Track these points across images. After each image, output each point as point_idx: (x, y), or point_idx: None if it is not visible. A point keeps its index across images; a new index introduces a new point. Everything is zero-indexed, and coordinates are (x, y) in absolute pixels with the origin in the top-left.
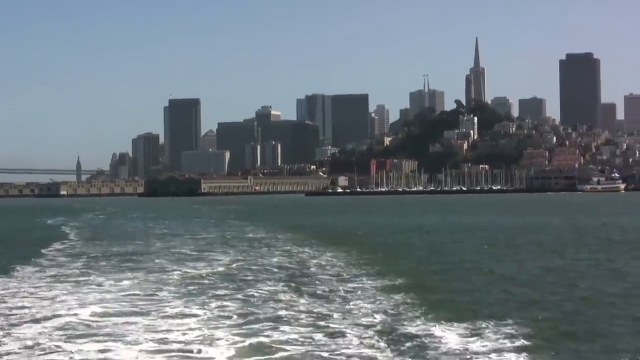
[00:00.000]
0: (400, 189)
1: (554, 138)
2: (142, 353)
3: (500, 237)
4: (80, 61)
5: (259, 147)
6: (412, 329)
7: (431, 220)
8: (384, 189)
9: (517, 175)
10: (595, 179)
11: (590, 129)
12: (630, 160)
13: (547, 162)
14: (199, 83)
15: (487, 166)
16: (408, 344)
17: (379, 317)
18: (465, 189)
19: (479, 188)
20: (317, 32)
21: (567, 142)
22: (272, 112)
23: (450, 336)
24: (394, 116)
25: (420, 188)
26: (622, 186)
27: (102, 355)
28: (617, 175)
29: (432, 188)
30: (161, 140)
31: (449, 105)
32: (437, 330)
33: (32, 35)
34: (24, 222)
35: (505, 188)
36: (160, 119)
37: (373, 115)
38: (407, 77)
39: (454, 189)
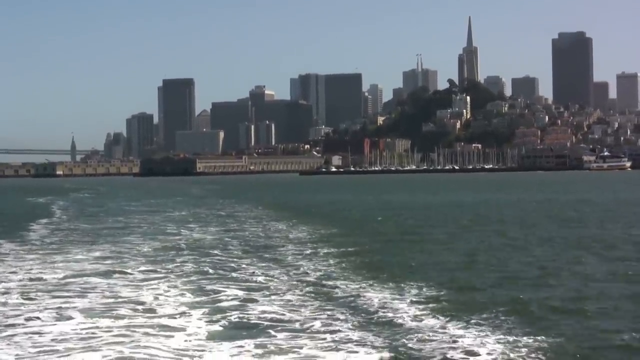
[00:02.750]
0: (393, 168)
1: (546, 117)
2: (103, 303)
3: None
4: (73, 42)
5: (252, 127)
6: (343, 287)
7: (409, 197)
8: (377, 168)
9: (509, 154)
10: (601, 157)
11: (582, 108)
12: (622, 138)
13: (539, 141)
14: (193, 63)
15: (479, 145)
16: (335, 297)
17: (316, 276)
18: (457, 167)
19: (471, 167)
20: (310, 12)
21: (559, 121)
22: (266, 92)
23: (374, 293)
24: (387, 95)
25: (413, 167)
26: (629, 164)
27: (62, 306)
28: (606, 153)
29: (425, 167)
30: (155, 120)
31: (442, 85)
32: (366, 288)
33: (24, 17)
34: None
35: (497, 167)
36: (154, 99)
37: (366, 94)
38: (400, 57)
39: (447, 167)
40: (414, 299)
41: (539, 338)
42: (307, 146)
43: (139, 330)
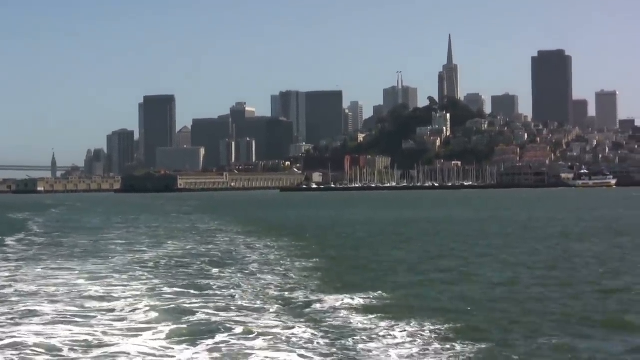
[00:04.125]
0: (373, 185)
1: (525, 135)
2: (64, 306)
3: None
4: (54, 58)
5: (233, 144)
6: (301, 295)
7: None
8: (357, 185)
9: (488, 171)
10: (586, 175)
11: (561, 126)
12: (600, 156)
13: (518, 159)
14: (173, 80)
15: (459, 162)
16: (292, 304)
17: (277, 284)
18: (437, 185)
19: (450, 184)
20: (291, 29)
21: (538, 139)
22: (247, 109)
23: (329, 299)
24: (367, 113)
25: (394, 184)
26: (613, 182)
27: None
28: (584, 170)
29: (405, 184)
30: (136, 136)
31: (422, 102)
32: (323, 297)
33: (5, 32)
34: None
35: (476, 184)
36: (135, 115)
37: (347, 111)
38: (380, 74)
39: (426, 185)
40: (363, 307)
41: (474, 344)
42: (287, 163)
43: (104, 333)
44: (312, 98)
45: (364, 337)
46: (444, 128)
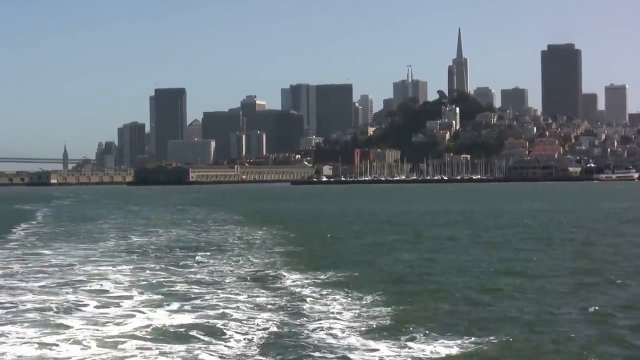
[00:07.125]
0: (383, 178)
1: (535, 128)
2: (52, 285)
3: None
4: (65, 51)
5: (244, 137)
6: (272, 273)
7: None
8: (367, 178)
9: (497, 165)
10: (609, 168)
11: (570, 120)
12: (609, 150)
13: (527, 152)
14: (184, 73)
15: (468, 156)
16: (268, 284)
17: (251, 265)
18: (446, 178)
19: (459, 178)
20: (301, 23)
21: (547, 133)
22: (257, 102)
23: (292, 275)
24: (377, 106)
25: (403, 177)
26: (636, 175)
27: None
28: (592, 164)
29: (414, 177)
30: (147, 129)
31: (432, 96)
32: (292, 277)
33: (16, 25)
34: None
35: (485, 177)
36: (146, 108)
37: (357, 105)
38: (390, 68)
39: (435, 178)
40: (319, 282)
41: (400, 307)
42: (297, 156)
43: (87, 304)
44: (322, 91)
45: (308, 304)
46: (454, 122)
